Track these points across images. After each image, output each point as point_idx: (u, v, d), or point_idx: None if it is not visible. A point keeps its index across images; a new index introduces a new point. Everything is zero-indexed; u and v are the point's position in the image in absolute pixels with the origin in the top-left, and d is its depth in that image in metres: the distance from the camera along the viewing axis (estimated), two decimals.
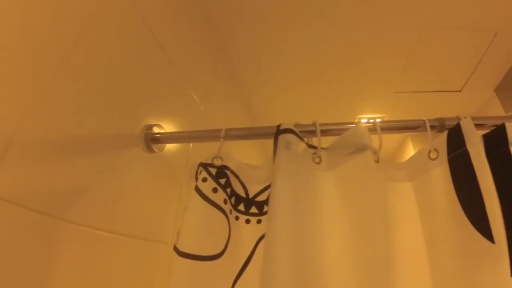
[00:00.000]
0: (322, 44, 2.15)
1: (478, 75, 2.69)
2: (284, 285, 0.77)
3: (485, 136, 1.00)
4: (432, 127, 1.06)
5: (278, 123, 1.01)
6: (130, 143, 1.12)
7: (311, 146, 1.01)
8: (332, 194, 0.94)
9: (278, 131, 0.96)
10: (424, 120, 1.06)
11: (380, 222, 0.89)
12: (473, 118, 1.07)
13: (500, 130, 0.99)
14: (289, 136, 0.95)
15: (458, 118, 1.02)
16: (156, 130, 1.23)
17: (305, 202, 0.91)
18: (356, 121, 2.96)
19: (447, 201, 0.93)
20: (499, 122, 1.00)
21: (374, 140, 0.98)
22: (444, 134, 1.01)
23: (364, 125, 1.01)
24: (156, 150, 1.23)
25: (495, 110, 2.89)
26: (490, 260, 0.82)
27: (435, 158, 1.00)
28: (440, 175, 0.97)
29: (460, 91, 2.82)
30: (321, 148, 1.00)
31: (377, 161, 0.99)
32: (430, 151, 1.02)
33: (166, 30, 1.41)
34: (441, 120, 1.05)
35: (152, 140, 1.19)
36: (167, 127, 1.33)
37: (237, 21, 1.96)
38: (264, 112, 2.89)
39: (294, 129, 0.97)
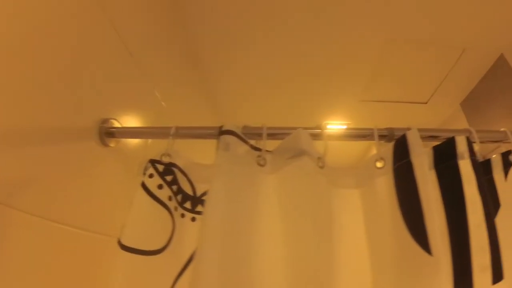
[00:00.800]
0: (290, 50, 2.17)
1: (444, 89, 2.74)
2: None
3: (435, 148, 1.04)
4: (381, 136, 1.08)
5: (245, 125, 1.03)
6: (84, 135, 1.12)
7: (256, 149, 1.02)
8: (273, 197, 0.95)
9: (220, 132, 0.97)
10: (372, 129, 1.08)
11: (318, 227, 0.91)
12: (426, 130, 1.11)
13: (449, 143, 1.02)
14: (229, 138, 0.96)
15: (408, 129, 1.05)
16: (112, 124, 1.23)
17: (243, 203, 0.92)
18: (322, 126, 3.02)
19: (390, 210, 0.96)
20: (451, 135, 1.04)
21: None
22: (391, 144, 1.03)
23: (310, 131, 1.04)
24: (110, 144, 1.23)
25: (460, 123, 2.96)
26: (428, 271, 0.84)
27: (382, 167, 1.03)
28: (385, 184, 0.99)
29: (426, 103, 2.87)
30: (267, 151, 1.01)
31: (322, 166, 1.01)
32: (377, 160, 1.05)
33: (129, 24, 1.41)
34: (390, 130, 1.08)
35: (107, 134, 1.18)
36: (125, 122, 1.33)
37: (206, 20, 1.95)
38: (232, 113, 2.90)
39: (236, 131, 0.98)
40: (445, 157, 1.02)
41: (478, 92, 2.74)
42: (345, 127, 2.97)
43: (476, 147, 1.10)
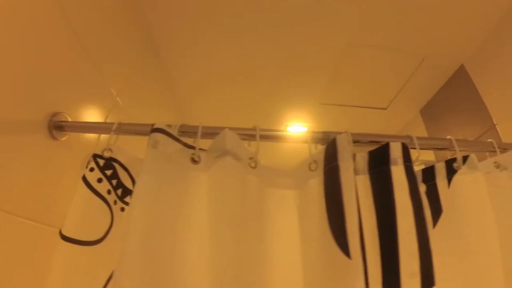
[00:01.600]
0: (251, 49, 2.17)
1: (404, 96, 2.79)
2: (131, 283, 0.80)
3: (370, 153, 1.07)
4: (318, 139, 1.11)
5: (207, 124, 1.06)
6: (34, 128, 1.13)
7: (191, 147, 1.04)
8: (204, 195, 0.97)
9: (151, 130, 0.99)
10: (305, 132, 1.11)
11: (241, 226, 0.93)
12: (366, 135, 1.15)
13: (384, 149, 1.05)
14: (158, 135, 0.97)
15: (338, 133, 1.08)
16: (62, 118, 1.25)
17: (168, 200, 0.94)
18: (282, 128, 3.04)
19: (318, 212, 0.97)
20: (392, 141, 1.07)
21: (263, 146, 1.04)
22: (323, 147, 1.06)
23: (244, 132, 1.07)
24: (60, 138, 1.24)
25: (419, 130, 3.02)
26: (346, 274, 0.86)
27: (314, 170, 1.05)
28: (316, 186, 1.01)
29: (385, 108, 2.91)
30: (201, 149, 1.04)
31: (254, 167, 1.03)
32: (310, 163, 1.08)
33: (84, 18, 1.40)
34: (326, 134, 1.10)
35: (56, 128, 1.20)
36: (78, 117, 1.35)
37: (167, 15, 1.95)
38: (194, 112, 2.90)
39: (166, 129, 0.99)
40: (378, 162, 1.04)
41: (438, 101, 2.79)
42: (305, 129, 3.00)
43: (416, 154, 1.13)
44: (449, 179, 1.22)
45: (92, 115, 1.44)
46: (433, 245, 1.09)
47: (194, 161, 1.02)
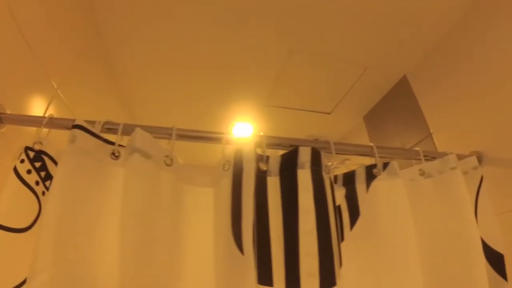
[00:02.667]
0: (199, 50, 2.19)
1: (347, 102, 2.87)
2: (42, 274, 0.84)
3: (282, 156, 1.12)
4: (229, 141, 1.16)
5: (157, 122, 1.13)
6: None
7: (110, 143, 1.09)
8: (117, 189, 1.01)
9: (71, 126, 1.03)
10: (222, 133, 1.17)
11: (149, 223, 0.98)
12: (280, 138, 1.24)
13: (294, 152, 1.12)
14: (76, 131, 1.01)
15: (258, 137, 1.14)
16: (0, 109, 1.26)
17: (86, 192, 0.98)
18: (228, 127, 3.07)
19: (225, 210, 1.03)
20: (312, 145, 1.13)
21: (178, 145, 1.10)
22: (234, 149, 1.11)
23: (160, 131, 1.15)
24: None
25: (362, 136, 3.12)
26: (240, 269, 0.92)
27: (227, 170, 1.10)
28: (226, 186, 1.06)
29: (329, 113, 2.99)
30: (120, 146, 1.09)
31: (170, 164, 1.09)
32: (224, 162, 1.13)
33: (27, 10, 1.40)
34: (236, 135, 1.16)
35: None
36: (17, 109, 1.35)
37: (114, 8, 1.95)
38: (141, 109, 2.89)
39: (84, 125, 1.04)
40: (288, 165, 1.10)
41: (380, 109, 2.89)
42: (252, 129, 3.04)
43: (332, 159, 1.19)
44: (368, 184, 1.30)
45: (31, 107, 1.44)
46: (350, 247, 1.17)
47: (115, 156, 1.07)
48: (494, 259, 1.41)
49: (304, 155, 1.12)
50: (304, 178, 1.08)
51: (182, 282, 1.01)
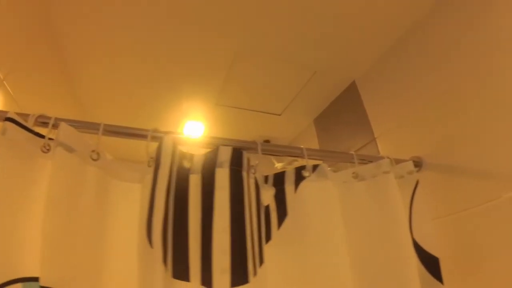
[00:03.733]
0: (149, 48, 2.17)
1: (297, 104, 2.89)
2: None
3: (205, 155, 1.13)
4: (155, 137, 1.15)
5: (110, 119, 1.12)
6: None
7: (41, 136, 1.07)
8: (44, 181, 1.00)
9: (4, 119, 1.02)
10: (148, 130, 1.16)
11: (73, 216, 0.97)
12: (220, 139, 1.20)
13: (214, 152, 1.12)
14: (7, 124, 1.00)
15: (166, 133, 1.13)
16: None
17: (14, 184, 0.97)
18: (179, 126, 3.06)
19: (146, 205, 1.02)
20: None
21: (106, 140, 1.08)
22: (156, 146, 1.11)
23: (85, 126, 1.12)
24: None
25: (312, 139, 3.15)
26: (148, 261, 0.92)
27: (151, 166, 1.10)
28: (149, 182, 1.06)
29: (280, 115, 3.00)
30: (50, 139, 1.07)
31: (96, 159, 1.08)
32: (149, 159, 1.12)
33: None
34: (164, 133, 1.15)
35: None
36: None
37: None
38: (98, 108, 2.84)
39: (16, 118, 1.02)
40: (209, 163, 1.10)
41: (330, 112, 2.93)
42: (203, 128, 3.03)
43: (257, 160, 1.20)
44: (297, 185, 1.31)
45: None
46: (277, 246, 1.17)
47: (46, 149, 1.05)
48: (430, 262, 1.44)
49: (224, 155, 1.13)
50: (222, 176, 1.09)
51: (104, 274, 1.01)
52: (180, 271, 0.99)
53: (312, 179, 1.32)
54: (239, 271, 0.98)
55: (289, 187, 1.32)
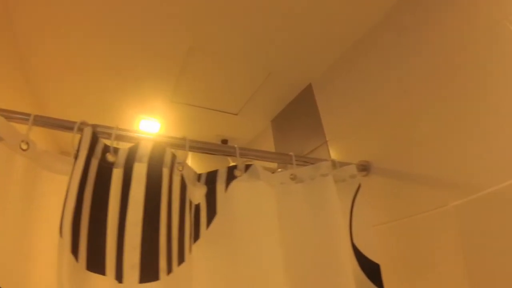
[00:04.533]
0: (105, 40, 2.13)
1: (254, 104, 2.91)
2: None
3: (129, 149, 1.12)
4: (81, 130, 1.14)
5: (66, 115, 1.14)
6: None
7: None
8: None
9: None
10: (75, 122, 1.14)
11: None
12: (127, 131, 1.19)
13: (136, 147, 1.11)
14: None
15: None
16: None
17: None
18: (134, 122, 3.03)
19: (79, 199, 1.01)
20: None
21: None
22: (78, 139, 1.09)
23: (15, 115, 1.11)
24: None
25: (269, 140, 3.18)
26: (59, 252, 0.90)
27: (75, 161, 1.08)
28: (76, 175, 1.04)
29: (236, 114, 3.00)
30: None
31: (25, 149, 1.06)
32: (74, 152, 1.11)
33: None
34: (94, 126, 1.15)
35: None
36: None
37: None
38: (55, 102, 2.80)
39: None
40: (130, 158, 1.09)
41: (286, 114, 2.96)
42: (158, 124, 3.01)
43: (183, 157, 1.19)
44: (228, 184, 1.31)
45: None
46: (206, 245, 1.17)
47: None
48: (370, 269, 1.44)
49: (144, 149, 1.13)
50: (139, 171, 1.08)
51: (31, 265, 0.98)
52: (96, 264, 0.97)
53: (243, 179, 1.33)
54: (149, 268, 0.97)
55: (220, 186, 1.32)
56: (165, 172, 1.13)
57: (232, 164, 1.38)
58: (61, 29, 2.02)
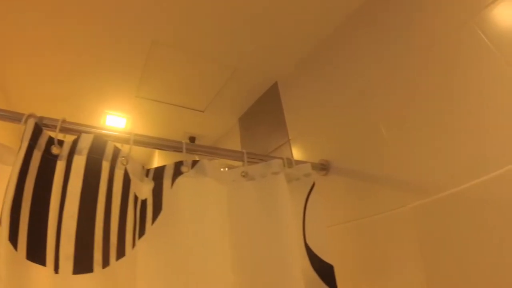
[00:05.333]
0: (69, 33, 2.12)
1: (221, 102, 2.94)
2: None
3: (73, 141, 1.14)
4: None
5: (34, 109, 1.14)
6: None
7: None
8: None
9: None
10: (23, 114, 1.15)
11: None
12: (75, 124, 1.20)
13: (77, 139, 1.12)
14: None
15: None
16: None
17: None
18: (101, 117, 3.02)
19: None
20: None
21: None
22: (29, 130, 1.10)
23: None
24: None
25: (237, 138, 3.21)
26: None
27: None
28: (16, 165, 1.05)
29: (203, 111, 3.03)
30: None
31: None
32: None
33: None
34: (40, 119, 1.16)
35: None
36: None
37: None
38: (22, 98, 2.78)
39: None
40: (72, 150, 1.10)
41: (253, 112, 3.01)
42: (124, 120, 3.00)
43: (127, 149, 1.20)
44: (174, 180, 1.33)
45: None
46: (151, 241, 1.19)
47: None
48: (323, 270, 1.44)
49: (84, 142, 1.14)
50: (78, 163, 1.10)
51: None
52: (36, 254, 0.99)
53: (189, 175, 1.34)
54: (84, 260, 0.99)
55: (166, 181, 1.33)
56: (105, 165, 1.15)
57: (196, 159, 1.39)
58: (24, 26, 2.03)
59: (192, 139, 3.51)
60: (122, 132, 1.29)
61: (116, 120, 3.11)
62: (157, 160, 3.62)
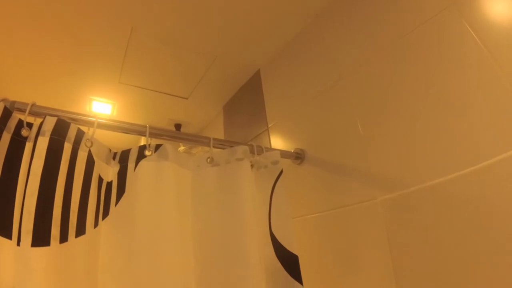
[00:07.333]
0: (47, 25, 2.21)
1: (204, 89, 3.04)
2: None
3: (39, 124, 1.23)
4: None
5: (18, 95, 1.26)
6: None
7: None
8: None
9: None
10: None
11: None
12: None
13: (41, 123, 1.23)
14: None
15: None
16: None
17: None
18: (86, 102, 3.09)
19: None
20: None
21: None
22: None
23: None
24: None
25: (220, 125, 3.33)
26: None
27: None
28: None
29: (187, 98, 3.12)
30: None
31: None
32: None
33: None
34: (12, 103, 1.25)
35: None
36: None
37: None
38: (8, 84, 2.85)
39: None
40: (38, 132, 1.20)
41: (236, 100, 3.10)
42: (109, 106, 3.07)
43: (90, 133, 1.32)
44: (137, 163, 1.41)
45: None
46: (114, 223, 1.32)
47: None
48: (287, 259, 1.48)
49: (48, 124, 1.22)
50: (41, 144, 1.18)
51: None
52: (4, 228, 1.10)
53: (151, 159, 1.41)
54: (41, 234, 1.09)
55: (130, 164, 1.41)
56: (67, 146, 1.24)
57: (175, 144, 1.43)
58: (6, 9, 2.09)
59: (178, 127, 3.60)
60: (86, 116, 1.37)
61: (102, 107, 3.20)
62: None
